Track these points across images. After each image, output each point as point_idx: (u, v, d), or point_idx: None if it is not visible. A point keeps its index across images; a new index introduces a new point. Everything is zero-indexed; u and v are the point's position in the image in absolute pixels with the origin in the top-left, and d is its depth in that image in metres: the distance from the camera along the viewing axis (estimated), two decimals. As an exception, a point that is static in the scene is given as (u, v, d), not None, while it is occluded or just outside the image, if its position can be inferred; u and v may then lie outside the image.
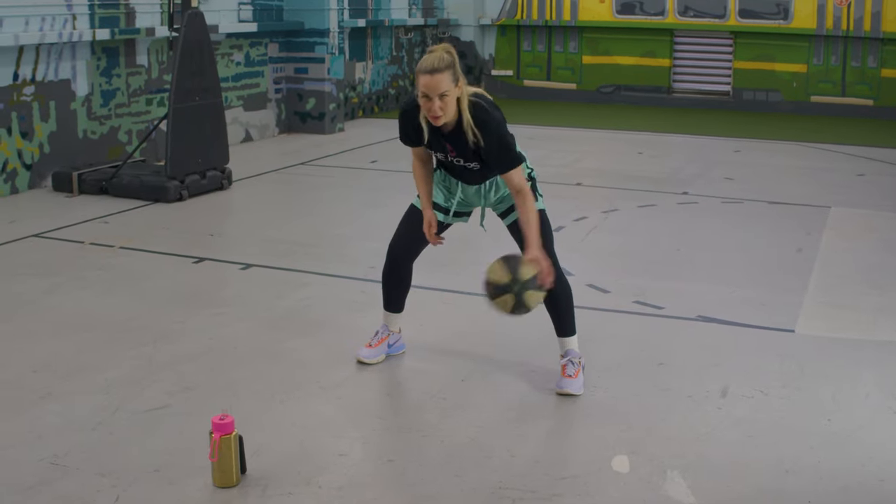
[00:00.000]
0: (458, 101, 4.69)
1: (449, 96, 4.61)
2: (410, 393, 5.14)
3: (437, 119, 4.66)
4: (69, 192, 9.41)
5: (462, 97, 4.70)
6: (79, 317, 6.06)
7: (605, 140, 13.87)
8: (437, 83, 4.58)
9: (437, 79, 4.57)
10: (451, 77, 4.60)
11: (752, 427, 4.65)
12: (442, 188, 5.13)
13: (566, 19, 17.95)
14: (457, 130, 4.75)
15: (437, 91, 4.58)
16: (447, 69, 4.60)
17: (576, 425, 4.77)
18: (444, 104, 4.61)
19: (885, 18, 16.21)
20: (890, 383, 5.18)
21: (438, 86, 4.58)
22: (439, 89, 4.58)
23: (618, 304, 6.46)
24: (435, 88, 4.58)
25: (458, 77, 4.65)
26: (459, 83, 4.67)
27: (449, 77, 4.59)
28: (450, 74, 4.60)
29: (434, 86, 4.58)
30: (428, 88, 4.60)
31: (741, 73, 17.24)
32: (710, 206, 9.42)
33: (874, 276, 7.14)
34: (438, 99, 4.60)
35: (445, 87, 4.59)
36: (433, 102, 4.61)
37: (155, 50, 11.08)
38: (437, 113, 4.62)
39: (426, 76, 4.59)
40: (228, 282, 6.96)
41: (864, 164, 11.90)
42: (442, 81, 4.58)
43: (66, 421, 4.58)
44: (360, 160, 11.73)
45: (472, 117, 4.70)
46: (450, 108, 4.65)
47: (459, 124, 4.73)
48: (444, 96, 4.60)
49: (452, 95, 4.63)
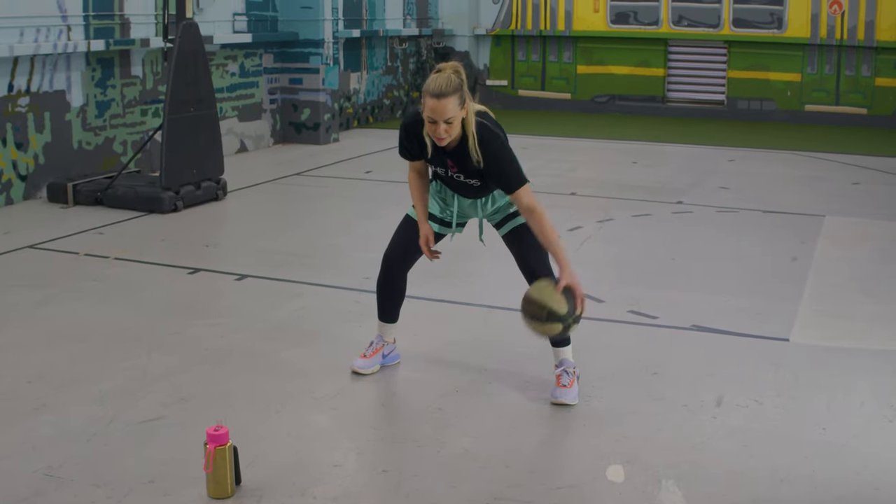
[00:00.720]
0: (464, 121, 4.65)
1: (454, 121, 4.58)
2: (405, 403, 5.14)
3: (442, 141, 4.64)
4: (64, 203, 9.41)
5: (468, 117, 4.65)
6: (73, 327, 6.05)
7: (599, 149, 13.88)
8: (444, 108, 4.53)
9: (443, 104, 4.53)
10: (457, 101, 4.55)
11: (746, 436, 4.65)
12: (438, 199, 5.13)
13: (560, 29, 17.97)
14: (460, 147, 4.73)
15: (443, 116, 4.54)
16: (454, 93, 4.55)
17: (571, 435, 4.77)
18: (449, 129, 4.58)
19: (878, 27, 16.24)
20: (885, 392, 5.18)
21: (445, 111, 4.53)
22: (445, 115, 4.54)
23: (612, 313, 6.46)
24: (442, 114, 4.54)
25: (465, 99, 4.60)
26: (466, 105, 4.62)
27: (456, 101, 4.55)
28: (457, 98, 4.55)
29: (441, 111, 4.54)
30: (434, 113, 4.56)
31: (735, 82, 17.27)
32: (704, 216, 9.43)
33: (869, 285, 7.15)
34: (444, 123, 4.56)
35: (452, 112, 4.55)
36: (439, 126, 4.57)
37: (150, 61, 11.08)
38: (443, 136, 4.60)
39: (433, 100, 4.54)
40: (223, 292, 6.96)
41: (859, 172, 11.92)
42: (448, 106, 4.53)
43: (60, 432, 4.58)
44: (354, 171, 11.73)
45: (478, 138, 4.68)
46: (455, 130, 4.62)
47: (463, 142, 4.70)
48: (449, 121, 4.56)
49: (458, 119, 4.59)
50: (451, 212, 5.09)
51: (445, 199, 5.10)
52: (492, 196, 5.01)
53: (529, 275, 5.00)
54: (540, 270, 4.96)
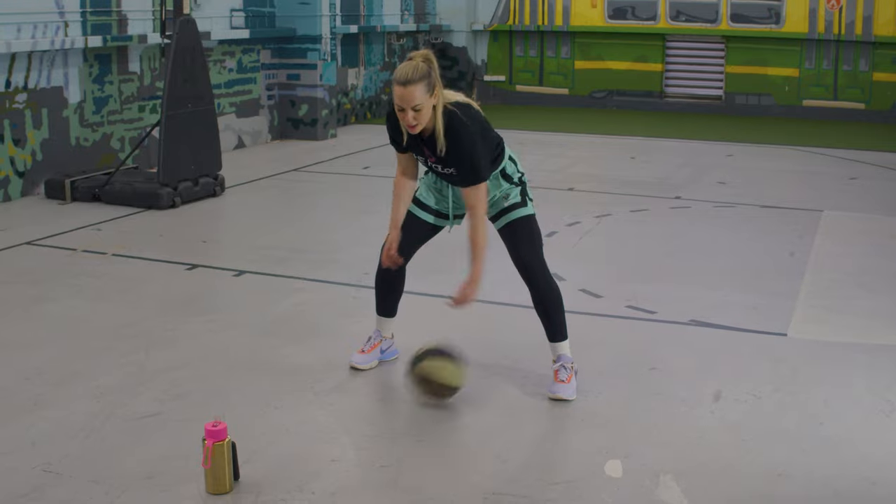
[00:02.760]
0: (435, 109, 4.66)
1: (423, 108, 4.59)
2: (403, 398, 5.13)
3: (413, 129, 4.65)
4: (62, 200, 9.40)
5: (438, 105, 4.67)
6: (71, 324, 6.05)
7: (597, 145, 13.87)
8: (410, 95, 4.55)
9: (409, 90, 4.55)
10: (425, 88, 4.57)
11: (744, 431, 4.65)
12: (433, 191, 5.13)
13: (558, 24, 17.97)
14: (433, 137, 4.74)
15: (409, 103, 4.56)
16: (421, 80, 4.56)
17: (568, 430, 4.77)
18: (417, 115, 4.60)
19: (876, 22, 16.24)
20: (882, 387, 5.19)
21: (412, 98, 4.55)
22: (412, 101, 4.56)
23: (610, 308, 6.46)
24: (408, 100, 4.56)
25: (433, 86, 4.61)
26: (436, 92, 4.63)
27: (423, 88, 4.56)
28: (424, 85, 4.56)
29: (408, 98, 4.56)
30: (401, 100, 4.58)
31: (733, 77, 17.27)
32: (702, 211, 9.44)
33: (866, 280, 7.16)
34: (412, 111, 4.58)
35: (419, 99, 4.56)
36: (407, 113, 4.59)
37: (147, 57, 11.08)
38: (412, 122, 4.61)
39: (400, 88, 4.57)
40: (221, 288, 6.96)
41: (857, 167, 11.92)
42: (415, 93, 4.55)
43: (58, 428, 4.58)
44: (352, 166, 11.73)
45: (444, 127, 4.68)
46: (424, 118, 4.62)
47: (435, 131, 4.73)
48: (417, 108, 4.58)
49: (427, 106, 4.60)
50: (448, 203, 5.08)
51: (441, 190, 5.10)
52: None
53: (522, 268, 5.00)
54: (532, 263, 4.96)
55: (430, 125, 4.70)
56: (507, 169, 4.99)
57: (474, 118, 4.78)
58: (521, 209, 5.00)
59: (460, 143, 4.68)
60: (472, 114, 4.79)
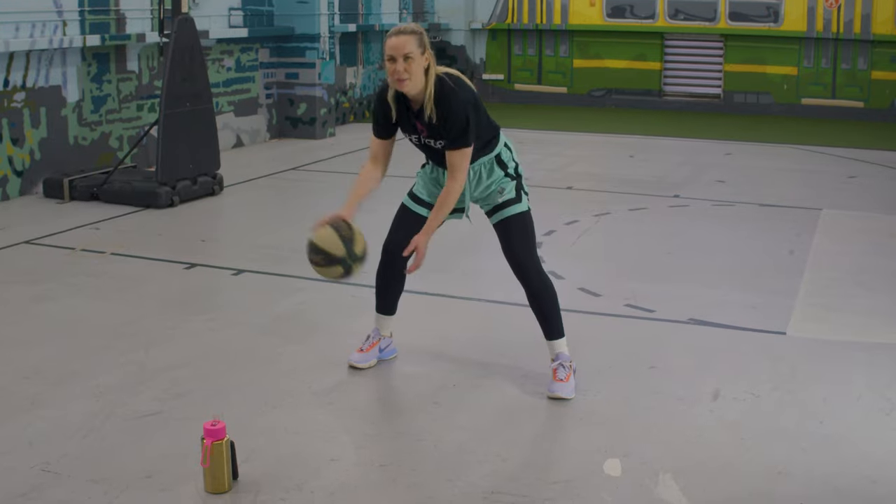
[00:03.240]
0: (426, 73, 4.72)
1: (414, 60, 4.65)
2: (402, 397, 5.14)
3: (403, 83, 4.68)
4: (60, 199, 9.40)
5: (430, 69, 4.73)
6: (70, 323, 6.05)
7: (596, 143, 13.87)
8: (402, 43, 4.64)
9: (401, 39, 4.66)
10: (416, 42, 4.67)
11: (743, 429, 4.65)
12: (430, 182, 5.11)
13: (556, 23, 17.96)
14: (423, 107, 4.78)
15: (401, 52, 4.64)
16: (413, 34, 4.69)
17: (567, 429, 4.77)
18: (408, 66, 4.65)
19: (874, 21, 16.24)
20: (881, 385, 5.19)
21: (403, 46, 4.64)
22: (403, 50, 4.63)
23: (609, 307, 6.46)
24: (399, 48, 4.64)
25: (425, 46, 4.71)
26: (426, 53, 4.71)
27: (414, 41, 4.67)
28: (415, 39, 4.67)
29: (399, 46, 4.65)
30: (392, 49, 4.66)
31: (732, 75, 17.26)
32: (701, 209, 9.43)
33: (865, 278, 7.16)
34: (402, 60, 4.64)
35: (410, 48, 4.64)
36: (397, 63, 4.65)
37: (146, 56, 11.07)
38: (402, 76, 4.66)
39: (391, 38, 4.69)
40: (220, 287, 6.95)
41: (855, 166, 11.92)
42: (407, 43, 4.65)
43: (57, 427, 4.57)
44: (351, 165, 11.72)
45: (435, 93, 4.73)
46: (415, 73, 4.68)
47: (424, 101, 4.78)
48: (408, 58, 4.64)
49: (418, 61, 4.67)
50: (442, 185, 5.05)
51: (438, 179, 5.07)
52: (479, 175, 4.98)
53: (515, 265, 5.00)
54: (525, 261, 4.96)
55: (420, 95, 4.75)
56: (503, 155, 5.00)
57: (465, 87, 4.82)
58: (515, 205, 4.99)
59: (450, 107, 4.72)
60: (462, 84, 4.83)
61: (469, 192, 5.04)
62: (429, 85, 4.72)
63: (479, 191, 5.03)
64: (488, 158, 4.96)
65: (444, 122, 4.74)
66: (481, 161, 4.95)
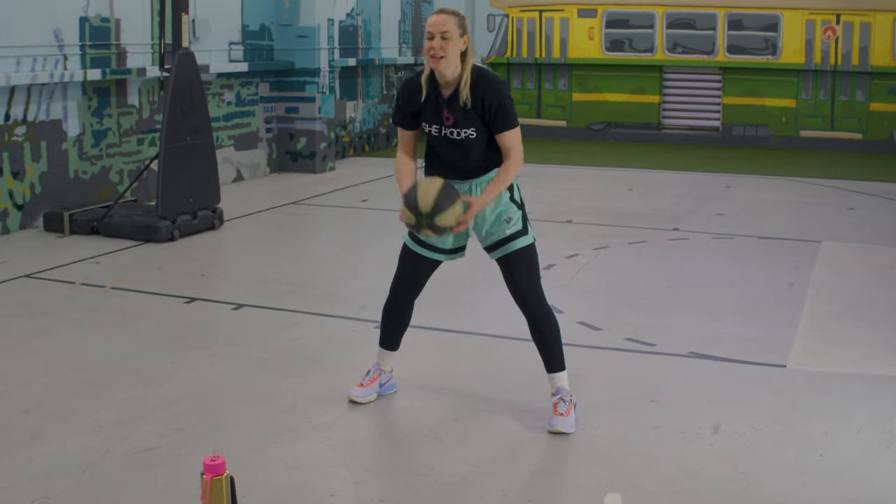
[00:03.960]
0: (463, 57, 4.82)
1: (451, 41, 4.75)
2: (402, 432, 5.13)
3: (438, 61, 4.76)
4: (60, 233, 9.41)
5: (467, 54, 4.83)
6: (69, 357, 6.04)
7: (595, 177, 13.90)
8: (442, 21, 4.77)
9: (442, 18, 4.79)
10: (456, 23, 4.79)
11: (744, 463, 4.64)
12: None
13: (556, 57, 18.04)
14: (456, 94, 4.85)
15: (439, 29, 4.74)
16: (454, 15, 4.83)
17: (568, 463, 4.76)
18: (445, 45, 4.74)
19: (872, 53, 16.32)
20: (882, 418, 5.18)
21: (443, 23, 4.76)
22: (442, 27, 4.74)
23: (609, 341, 6.46)
24: (439, 25, 4.76)
25: (464, 30, 4.82)
26: (465, 37, 4.81)
27: (454, 22, 4.79)
28: (455, 20, 4.80)
29: (438, 23, 4.77)
30: (432, 26, 4.79)
31: (731, 108, 17.32)
32: (700, 242, 9.44)
33: (865, 311, 7.15)
34: (440, 38, 4.73)
35: (448, 27, 4.75)
36: (435, 40, 4.75)
37: (146, 90, 11.11)
38: (439, 53, 4.74)
39: (433, 16, 4.83)
40: (220, 322, 6.95)
41: (855, 198, 11.94)
42: (447, 22, 4.77)
43: (56, 463, 4.56)
44: (351, 199, 11.74)
45: (474, 77, 4.82)
46: (451, 53, 4.77)
47: (458, 87, 4.85)
48: (445, 36, 4.74)
49: (455, 42, 4.77)
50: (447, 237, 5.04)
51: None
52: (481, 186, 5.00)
53: (519, 297, 5.00)
54: (529, 293, 4.96)
55: (453, 80, 4.83)
56: None
57: (497, 77, 4.97)
58: (522, 238, 4.98)
59: (491, 89, 4.83)
60: (494, 74, 4.98)
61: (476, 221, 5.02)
62: (465, 70, 4.83)
63: (487, 223, 4.99)
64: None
65: (487, 105, 4.82)
66: (490, 176, 4.94)
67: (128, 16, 10.77)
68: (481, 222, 5.00)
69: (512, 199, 5.00)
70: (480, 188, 4.96)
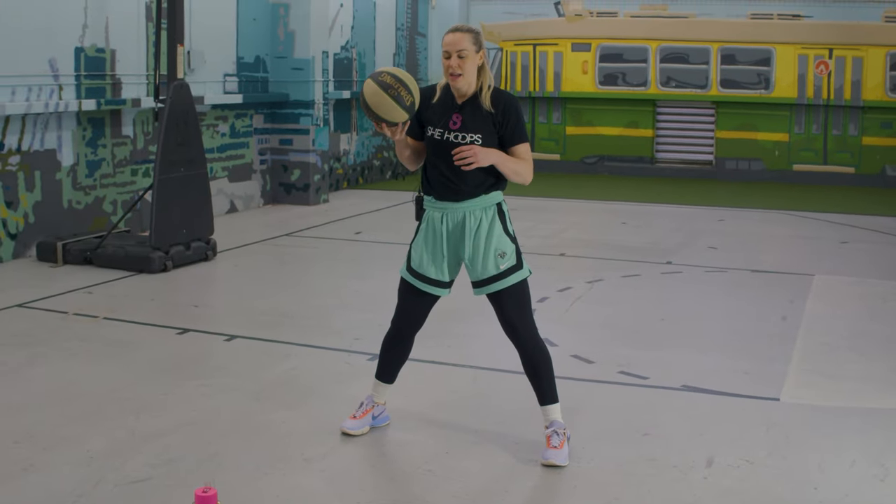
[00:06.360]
0: (480, 72, 4.94)
1: (467, 58, 4.88)
2: (395, 464, 5.11)
3: (456, 79, 4.90)
4: (53, 262, 9.40)
5: (484, 70, 4.95)
6: (62, 387, 6.02)
7: (588, 210, 13.92)
8: (458, 40, 4.88)
9: (457, 37, 4.89)
10: (472, 40, 4.90)
11: (738, 497, 4.63)
12: (429, 252, 5.05)
13: (549, 90, 18.11)
14: (472, 101, 4.96)
15: (455, 48, 4.87)
16: (470, 32, 4.94)
17: (561, 496, 4.74)
18: (462, 63, 4.87)
19: (864, 87, 16.41)
20: (875, 451, 5.17)
21: (458, 42, 4.88)
22: (458, 46, 4.87)
23: (602, 374, 6.45)
24: (455, 45, 4.87)
25: (480, 46, 4.94)
26: (481, 53, 4.94)
27: (469, 39, 4.90)
28: (471, 37, 4.91)
29: (454, 42, 4.88)
30: (448, 45, 4.90)
31: (723, 142, 17.40)
32: (694, 276, 9.45)
33: (858, 344, 7.16)
34: (457, 56, 4.85)
35: (464, 45, 4.87)
36: (452, 58, 4.87)
37: (140, 121, 11.13)
38: (456, 71, 4.88)
39: (449, 35, 4.93)
40: (213, 353, 6.93)
41: (847, 231, 11.97)
42: (462, 40, 4.87)
43: (47, 493, 4.54)
44: (344, 231, 11.75)
45: (495, 93, 4.96)
46: (468, 70, 4.90)
47: (475, 96, 4.96)
48: (462, 55, 4.86)
49: (472, 59, 4.90)
50: (444, 266, 5.02)
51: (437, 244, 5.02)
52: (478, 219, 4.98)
53: (511, 330, 4.99)
54: (521, 326, 4.96)
55: (469, 89, 4.95)
56: (503, 206, 5.06)
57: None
58: (517, 273, 4.97)
59: (508, 101, 4.97)
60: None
61: (467, 240, 4.99)
62: (484, 80, 4.96)
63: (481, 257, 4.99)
64: (491, 203, 4.96)
65: (505, 112, 4.94)
66: (485, 201, 4.96)
67: (123, 46, 10.81)
68: (474, 255, 4.99)
69: (506, 231, 5.00)
70: (474, 216, 4.96)
